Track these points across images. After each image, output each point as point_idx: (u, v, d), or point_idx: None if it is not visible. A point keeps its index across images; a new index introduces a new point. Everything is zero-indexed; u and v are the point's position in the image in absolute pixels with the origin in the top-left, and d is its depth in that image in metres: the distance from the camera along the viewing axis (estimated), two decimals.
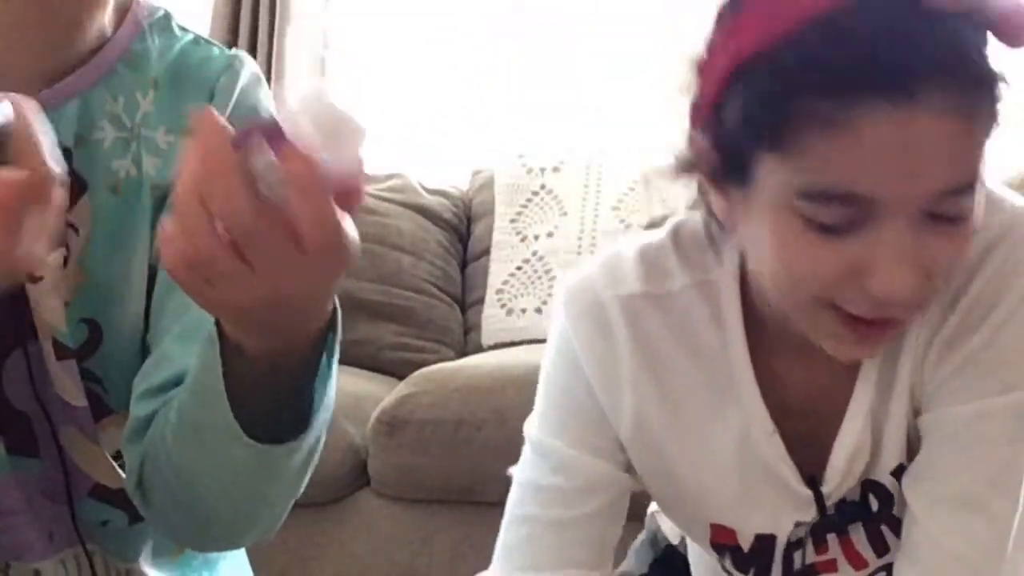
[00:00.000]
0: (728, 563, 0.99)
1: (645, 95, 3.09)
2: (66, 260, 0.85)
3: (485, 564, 1.55)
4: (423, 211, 2.78)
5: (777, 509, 0.95)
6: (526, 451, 1.00)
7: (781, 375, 0.93)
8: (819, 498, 0.93)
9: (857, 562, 0.96)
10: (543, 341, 1.21)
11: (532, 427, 0.99)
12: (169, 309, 0.85)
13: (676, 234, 0.95)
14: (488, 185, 2.80)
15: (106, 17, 0.90)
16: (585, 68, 3.13)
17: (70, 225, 0.85)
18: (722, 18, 0.83)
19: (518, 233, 2.70)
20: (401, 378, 2.28)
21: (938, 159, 0.76)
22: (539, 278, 2.63)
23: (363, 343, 2.62)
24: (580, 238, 2.62)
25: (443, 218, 2.80)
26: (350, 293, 2.66)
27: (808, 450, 0.93)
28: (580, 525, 0.95)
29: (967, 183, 0.78)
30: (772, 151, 0.79)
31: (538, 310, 2.59)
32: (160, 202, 0.88)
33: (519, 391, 2.06)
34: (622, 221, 2.61)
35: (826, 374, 0.91)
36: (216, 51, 0.95)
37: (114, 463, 0.90)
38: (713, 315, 0.92)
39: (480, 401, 2.08)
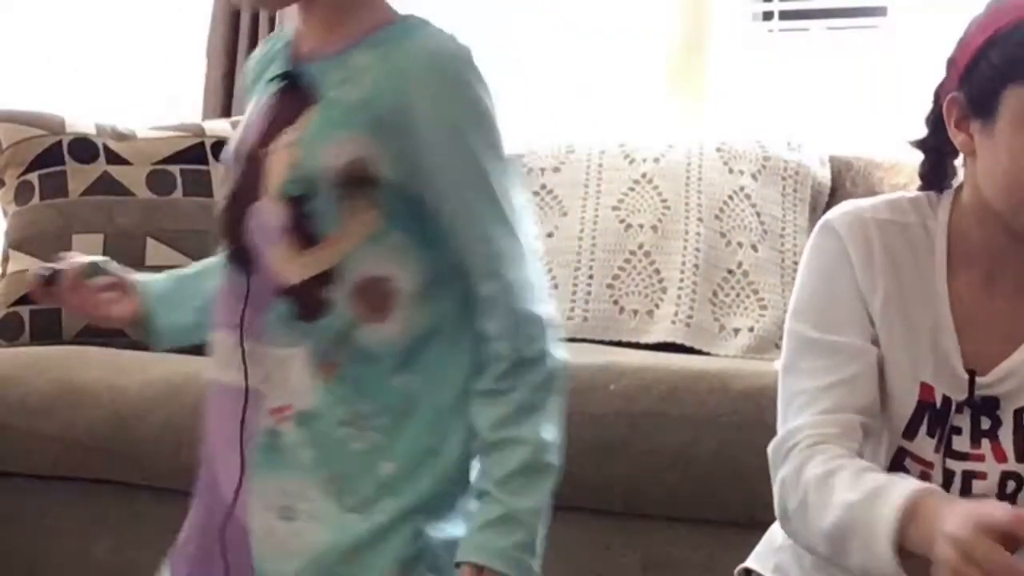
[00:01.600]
0: (923, 431, 1.30)
1: (645, 95, 3.10)
2: (295, 143, 1.24)
3: None
4: None
5: (946, 384, 1.30)
6: (786, 344, 1.34)
7: (962, 297, 1.31)
8: (972, 384, 1.29)
9: (999, 455, 1.29)
10: None
11: (792, 323, 1.33)
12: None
13: (908, 197, 1.35)
14: None
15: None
16: (585, 68, 3.13)
17: (293, 122, 1.25)
18: (975, 19, 1.30)
19: None
20: None
21: None
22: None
23: None
24: (580, 238, 2.63)
25: None
26: None
27: (980, 351, 1.30)
28: (846, 384, 1.27)
29: None
30: (1015, 83, 1.22)
31: None
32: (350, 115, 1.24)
33: None
34: (622, 221, 2.61)
35: (998, 300, 1.32)
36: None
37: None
38: (928, 246, 1.31)
39: None
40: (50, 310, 2.52)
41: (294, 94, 1.27)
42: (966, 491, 1.30)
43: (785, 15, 3.06)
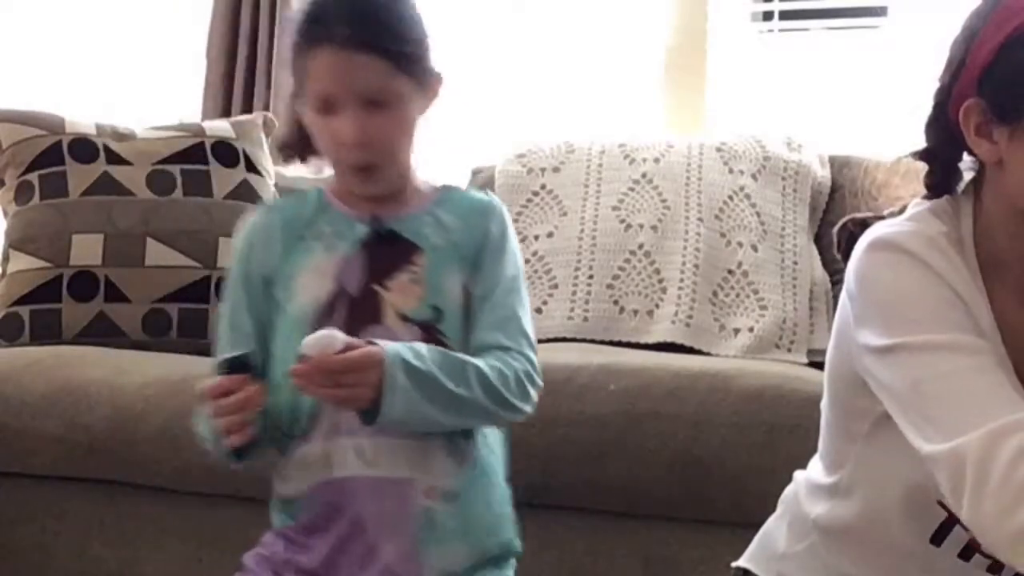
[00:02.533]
0: None
1: (645, 95, 3.10)
2: (417, 281, 1.60)
3: None
4: None
5: None
6: (893, 362, 1.20)
7: (1000, 306, 1.23)
8: None
9: None
10: (543, 341, 1.37)
11: (886, 341, 1.20)
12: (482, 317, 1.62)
13: (932, 210, 1.27)
14: (488, 185, 2.79)
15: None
16: (585, 68, 3.13)
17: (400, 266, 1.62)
18: (974, 23, 1.24)
19: (518, 233, 2.69)
20: None
21: None
22: (539, 278, 2.63)
23: None
24: (580, 238, 2.63)
25: None
26: None
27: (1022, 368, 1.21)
28: (992, 383, 1.16)
29: None
30: None
31: (538, 310, 2.59)
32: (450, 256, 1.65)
33: None
34: (622, 221, 2.61)
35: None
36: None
37: None
38: (963, 262, 1.23)
39: None
40: (50, 310, 2.52)
41: (389, 245, 1.62)
42: None
43: (785, 15, 3.06)
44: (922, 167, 1.34)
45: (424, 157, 3.13)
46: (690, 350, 2.45)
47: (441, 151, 3.14)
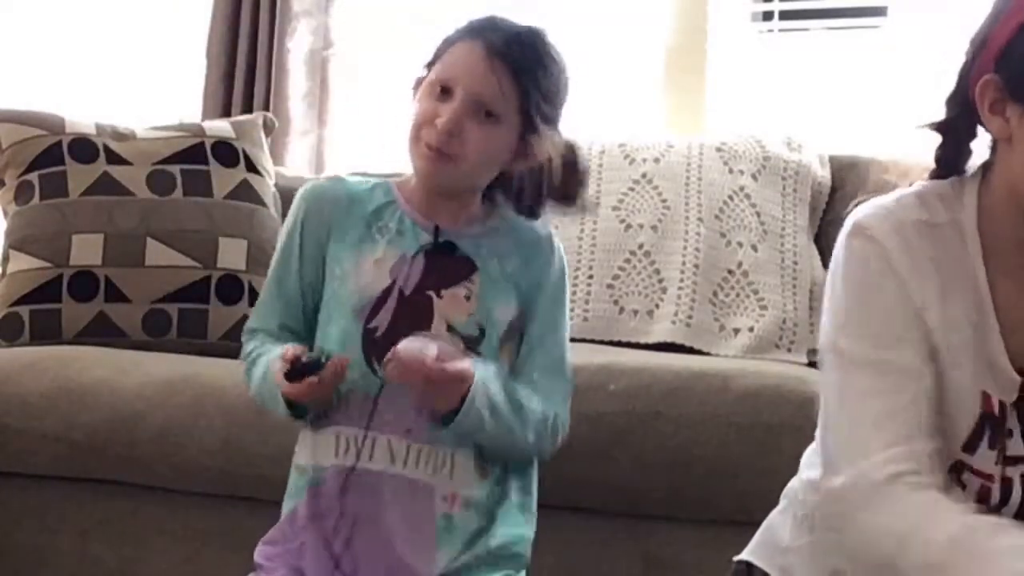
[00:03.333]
0: (984, 444, 1.23)
1: (645, 95, 3.10)
2: (469, 297, 1.67)
3: None
4: None
5: (996, 388, 1.23)
6: (832, 363, 1.24)
7: (1002, 291, 1.24)
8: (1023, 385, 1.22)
9: None
10: None
11: (836, 340, 1.24)
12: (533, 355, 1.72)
13: (934, 191, 1.28)
14: None
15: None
16: (585, 68, 3.13)
17: (456, 280, 1.68)
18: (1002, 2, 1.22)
19: None
20: None
21: None
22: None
23: None
24: (580, 238, 2.62)
25: None
26: None
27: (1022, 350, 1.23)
28: (911, 408, 1.19)
29: None
30: None
31: None
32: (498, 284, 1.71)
33: None
34: (622, 221, 2.61)
35: None
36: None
37: None
38: (961, 245, 1.24)
39: None
40: (50, 310, 2.52)
41: (448, 256, 1.68)
42: None
43: (785, 15, 3.06)
44: (923, 167, 1.35)
45: None
46: (690, 350, 2.45)
47: None
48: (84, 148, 2.63)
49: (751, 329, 2.46)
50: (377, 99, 3.20)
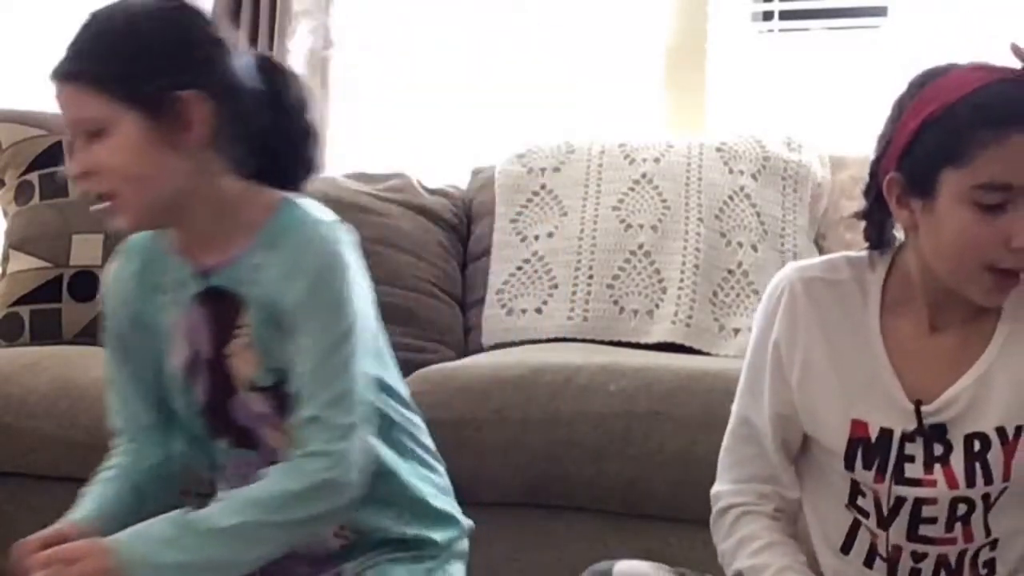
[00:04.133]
0: (859, 463, 1.42)
1: (645, 95, 3.10)
2: (251, 343, 1.47)
3: (484, 564, 1.56)
4: (423, 211, 2.78)
5: (891, 417, 1.41)
6: (737, 395, 1.53)
7: (899, 337, 1.43)
8: (919, 414, 1.39)
9: (951, 481, 1.38)
10: (543, 341, 1.42)
11: (741, 378, 1.53)
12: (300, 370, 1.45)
13: (848, 256, 1.48)
14: (488, 185, 2.80)
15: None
16: (585, 68, 3.13)
17: (233, 326, 1.48)
18: (904, 101, 1.38)
19: (518, 233, 2.70)
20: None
21: None
22: (539, 278, 2.63)
23: None
24: (580, 238, 2.62)
25: (443, 218, 2.80)
26: None
27: (923, 384, 1.41)
28: (757, 458, 1.50)
29: None
30: (955, 165, 1.31)
31: (538, 310, 2.59)
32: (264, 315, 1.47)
33: (519, 391, 2.07)
34: (622, 221, 2.61)
35: (937, 337, 1.43)
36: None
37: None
38: (861, 298, 1.44)
39: (480, 401, 2.08)
40: (50, 310, 2.52)
41: (218, 301, 1.48)
42: (916, 514, 1.40)
43: (785, 15, 3.05)
44: None
45: (424, 157, 3.15)
46: (690, 350, 2.45)
47: (441, 151, 3.15)
48: None
49: (751, 329, 2.46)
50: (377, 99, 3.20)
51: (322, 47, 3.19)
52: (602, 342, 2.51)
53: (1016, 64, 1.33)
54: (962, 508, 1.40)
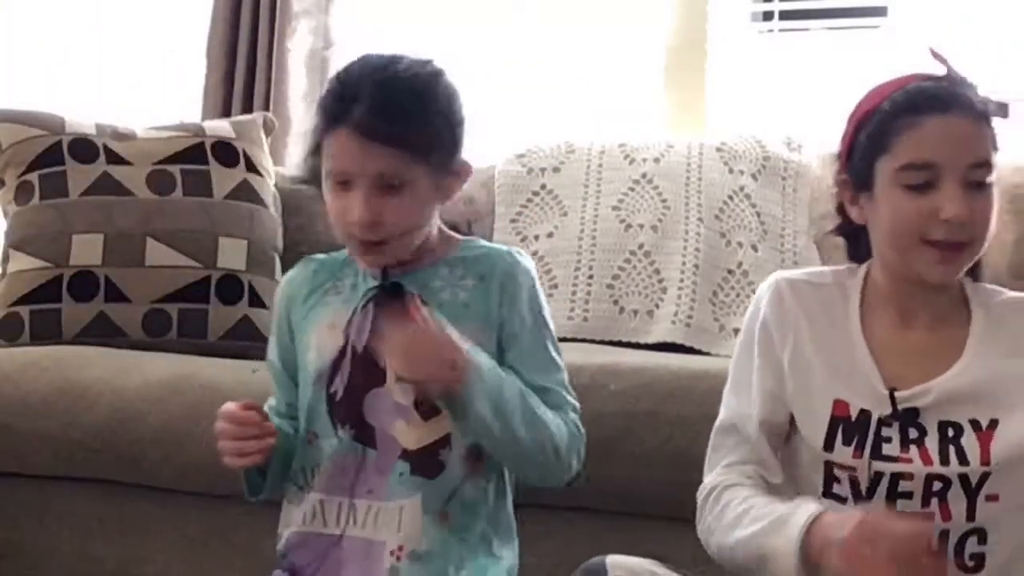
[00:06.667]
0: (839, 441, 1.51)
1: (645, 95, 3.10)
2: None
3: None
4: None
5: (869, 401, 1.51)
6: (724, 395, 1.62)
7: (877, 332, 1.55)
8: (893, 399, 1.49)
9: (925, 459, 1.47)
10: None
11: (729, 379, 1.62)
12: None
13: (831, 268, 1.63)
14: (488, 185, 2.80)
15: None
16: (585, 68, 3.13)
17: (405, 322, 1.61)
18: (854, 106, 1.56)
19: (518, 233, 2.70)
20: None
21: (967, 140, 1.45)
22: (539, 278, 2.62)
23: None
24: (580, 238, 2.63)
25: (443, 218, 2.80)
26: None
27: (900, 374, 1.52)
28: (744, 444, 1.57)
29: (982, 160, 1.46)
30: (882, 154, 1.48)
31: None
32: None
33: None
34: (622, 221, 2.61)
35: (913, 333, 1.55)
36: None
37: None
38: (843, 299, 1.57)
39: None
40: (50, 310, 2.52)
41: (392, 301, 1.63)
42: (893, 489, 1.48)
43: (785, 15, 3.06)
44: None
45: None
46: (690, 350, 2.45)
47: None
48: (84, 148, 2.63)
49: None
50: None
51: (322, 47, 3.19)
52: (602, 342, 2.51)
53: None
54: (937, 485, 1.46)
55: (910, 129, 1.46)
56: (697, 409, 1.95)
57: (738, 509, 1.50)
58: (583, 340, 2.51)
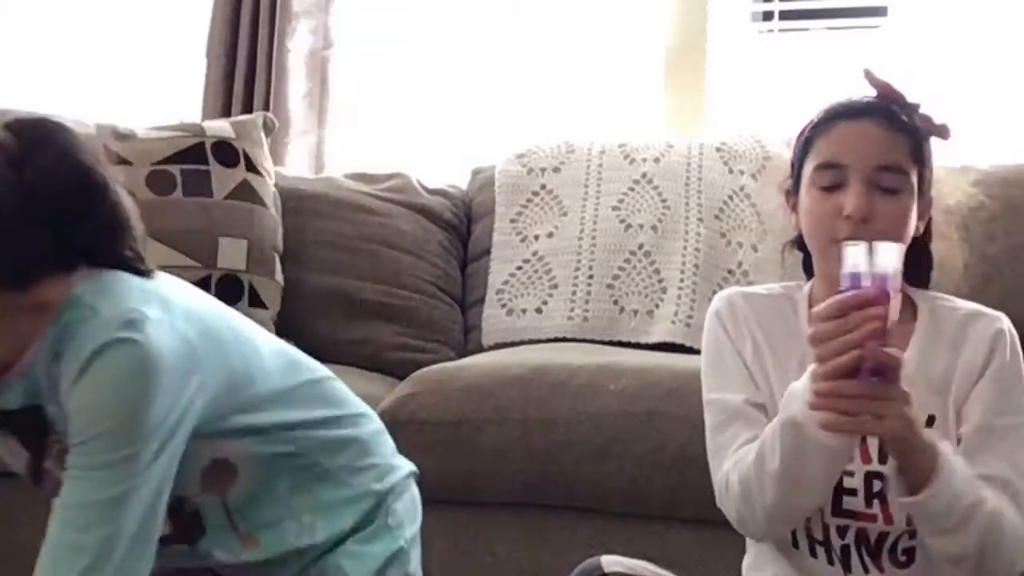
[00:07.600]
0: None
1: (645, 95, 3.10)
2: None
3: (484, 565, 1.55)
4: (423, 211, 2.78)
5: None
6: (707, 404, 1.60)
7: None
8: None
9: (864, 457, 1.48)
10: (543, 341, 1.40)
11: (704, 391, 1.61)
12: None
13: (782, 283, 1.66)
14: (488, 185, 2.80)
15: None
16: (585, 68, 3.13)
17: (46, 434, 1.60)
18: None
19: (518, 233, 2.70)
20: (401, 378, 2.28)
21: (875, 143, 1.53)
22: (539, 278, 2.63)
23: (363, 343, 2.62)
24: (580, 238, 2.63)
25: (443, 218, 2.80)
26: (350, 293, 2.67)
27: None
28: (730, 439, 1.56)
29: (891, 165, 1.51)
30: (805, 159, 1.57)
31: (538, 310, 2.59)
32: None
33: (519, 391, 2.07)
34: (622, 221, 2.61)
35: None
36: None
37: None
38: (792, 308, 1.61)
39: (480, 401, 2.08)
40: None
41: (16, 418, 1.56)
42: (839, 487, 1.48)
43: (785, 15, 3.06)
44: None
45: (424, 157, 3.14)
46: (690, 350, 2.45)
47: (441, 151, 3.15)
48: None
49: None
50: (377, 99, 3.20)
51: (322, 47, 3.19)
52: (602, 342, 2.51)
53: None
54: (877, 484, 1.47)
55: (826, 133, 1.57)
56: (697, 409, 1.95)
57: (755, 451, 1.50)
58: (583, 340, 2.51)
